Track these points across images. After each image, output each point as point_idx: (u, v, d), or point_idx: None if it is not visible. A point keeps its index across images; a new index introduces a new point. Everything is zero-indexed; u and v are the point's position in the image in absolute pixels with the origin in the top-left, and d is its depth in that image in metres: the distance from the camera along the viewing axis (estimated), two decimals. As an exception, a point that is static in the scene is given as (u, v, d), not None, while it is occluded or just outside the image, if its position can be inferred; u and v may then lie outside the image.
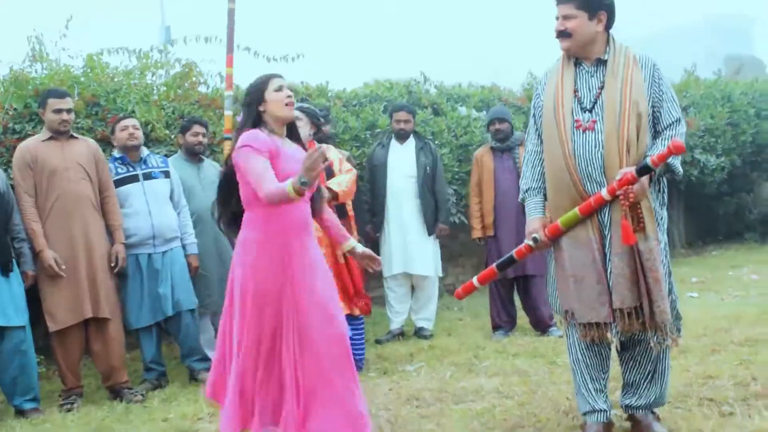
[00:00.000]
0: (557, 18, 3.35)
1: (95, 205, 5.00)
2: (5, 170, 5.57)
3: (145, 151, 5.42)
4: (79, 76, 6.49)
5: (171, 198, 5.41)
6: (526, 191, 3.54)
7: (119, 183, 5.24)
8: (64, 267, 4.78)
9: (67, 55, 6.80)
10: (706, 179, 10.04)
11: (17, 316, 4.64)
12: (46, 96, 5.01)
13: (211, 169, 5.81)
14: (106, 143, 6.04)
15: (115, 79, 6.72)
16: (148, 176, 5.31)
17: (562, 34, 3.34)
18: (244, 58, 7.15)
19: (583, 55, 3.37)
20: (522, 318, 6.35)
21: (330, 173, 5.16)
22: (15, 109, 5.99)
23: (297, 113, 5.09)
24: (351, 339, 4.99)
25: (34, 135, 5.42)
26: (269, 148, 3.32)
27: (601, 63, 3.35)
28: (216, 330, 5.79)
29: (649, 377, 3.40)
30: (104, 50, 6.89)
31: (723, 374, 4.18)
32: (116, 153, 5.41)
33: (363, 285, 5.30)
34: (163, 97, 6.71)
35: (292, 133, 3.63)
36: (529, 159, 3.54)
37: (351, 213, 5.42)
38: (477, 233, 6.38)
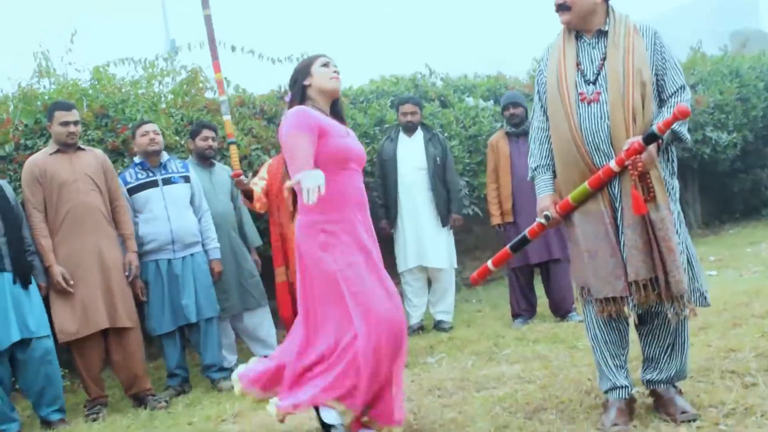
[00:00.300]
0: None
1: (106, 215, 5.01)
2: (19, 185, 5.65)
3: (165, 156, 5.43)
4: (86, 89, 6.55)
5: (192, 203, 5.42)
6: (535, 169, 3.53)
7: (139, 188, 5.28)
8: (72, 282, 4.81)
9: (73, 68, 6.89)
10: (719, 157, 9.99)
11: (40, 326, 4.67)
12: (52, 109, 5.03)
13: (223, 173, 5.83)
14: (117, 153, 6.11)
15: (123, 90, 6.78)
16: (167, 181, 5.33)
17: (562, 7, 3.32)
18: (249, 60, 7.20)
19: (583, 28, 3.36)
20: (542, 306, 6.35)
21: None
22: (25, 125, 6.05)
23: None
24: None
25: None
26: (318, 124, 3.32)
27: (601, 34, 3.34)
28: (236, 333, 5.87)
29: (669, 351, 3.38)
30: (110, 62, 6.97)
31: (744, 347, 4.15)
32: (136, 159, 5.43)
33: None
34: (170, 104, 6.76)
35: (337, 114, 3.60)
36: (535, 136, 3.53)
37: None
38: (496, 219, 6.36)
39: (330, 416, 3.48)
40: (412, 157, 6.28)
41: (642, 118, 3.21)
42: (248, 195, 5.12)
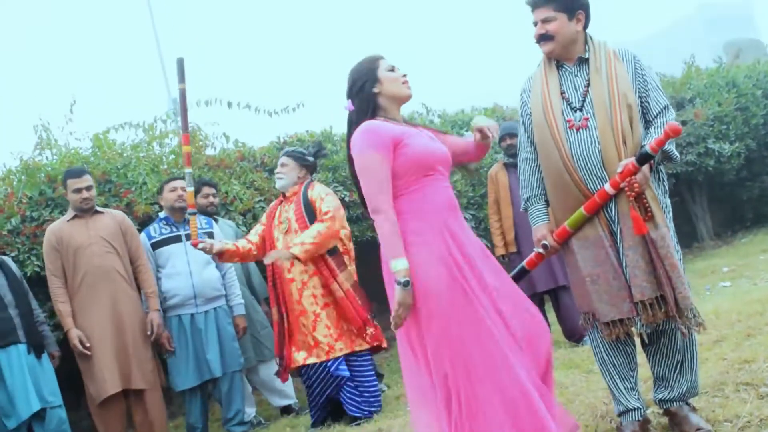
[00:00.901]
0: (535, 23, 3.37)
1: (125, 276, 5.06)
2: (28, 257, 5.73)
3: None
4: (88, 157, 6.65)
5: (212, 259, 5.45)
6: (528, 200, 3.54)
7: (162, 243, 5.34)
8: (89, 345, 4.86)
9: (74, 138, 6.99)
10: (723, 168, 9.97)
11: (54, 396, 4.73)
12: (64, 178, 5.14)
13: (227, 228, 5.90)
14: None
15: (124, 154, 6.87)
16: (190, 237, 5.35)
17: (544, 38, 3.35)
18: (246, 115, 7.30)
19: (564, 57, 3.39)
20: (555, 332, 6.32)
21: (311, 214, 4.94)
22: (30, 198, 6.13)
23: (283, 159, 5.16)
24: (361, 377, 5.00)
25: (52, 220, 5.58)
26: (392, 138, 2.98)
27: (582, 62, 3.37)
28: (252, 386, 5.88)
29: (678, 368, 3.36)
30: (110, 128, 7.06)
31: (759, 357, 4.12)
32: (162, 214, 5.49)
33: (369, 314, 5.00)
34: (171, 164, 6.83)
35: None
36: (524, 167, 3.53)
37: (345, 248, 5.19)
38: (500, 251, 6.37)
39: None
40: None
41: (631, 140, 3.23)
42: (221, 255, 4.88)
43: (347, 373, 4.89)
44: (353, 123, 3.11)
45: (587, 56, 3.37)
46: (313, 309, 4.87)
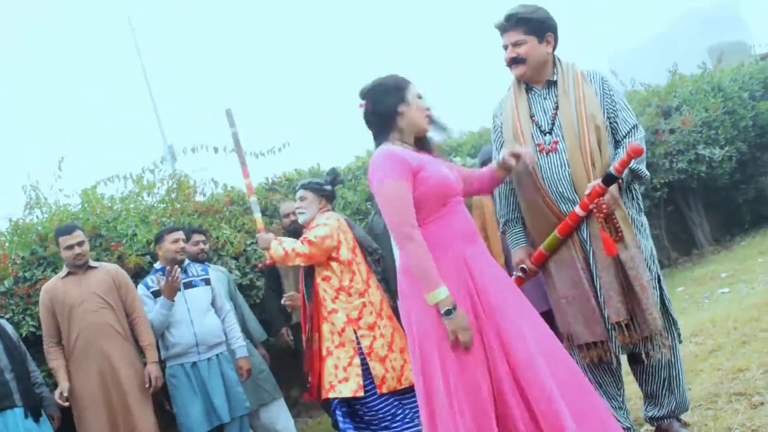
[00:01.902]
0: (505, 47, 3.40)
1: (120, 330, 5.03)
2: (23, 318, 5.74)
3: (185, 261, 5.49)
4: (77, 213, 6.67)
5: (213, 304, 5.46)
6: (505, 223, 3.58)
7: (161, 293, 5.31)
8: (66, 395, 4.81)
9: (63, 194, 7.02)
10: (716, 173, 9.96)
11: (53, 459, 4.71)
12: (56, 236, 5.13)
13: (218, 275, 5.90)
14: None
15: (114, 207, 6.89)
16: (188, 285, 5.37)
17: (516, 61, 3.38)
18: (233, 159, 7.33)
19: (534, 80, 3.43)
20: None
21: None
22: (22, 258, 6.15)
23: (301, 193, 5.08)
24: (407, 418, 4.84)
25: (45, 279, 5.57)
26: (410, 166, 2.96)
27: (551, 84, 3.42)
28: (263, 425, 5.88)
29: (666, 385, 3.37)
30: (98, 182, 7.10)
31: (752, 365, 4.13)
32: (157, 265, 5.48)
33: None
34: (161, 214, 6.85)
35: (423, 144, 3.23)
36: (500, 191, 3.56)
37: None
38: None
39: None
40: None
41: (600, 161, 3.27)
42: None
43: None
44: (374, 134, 3.15)
45: (555, 79, 3.40)
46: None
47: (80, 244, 5.05)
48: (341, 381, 4.52)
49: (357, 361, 4.51)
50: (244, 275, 6.74)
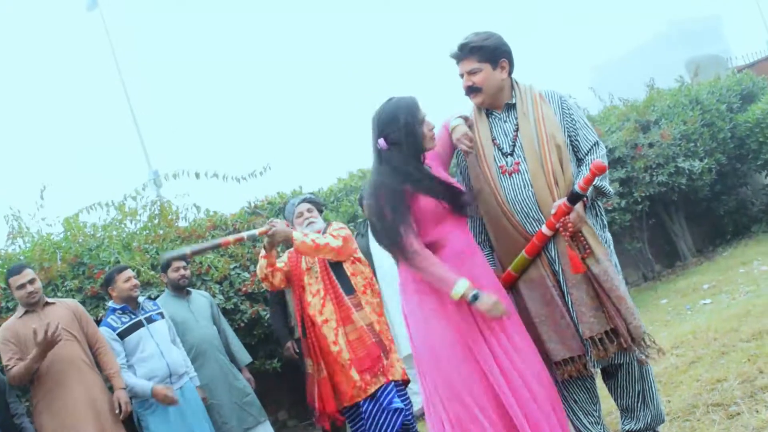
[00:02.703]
0: (461, 75, 3.43)
1: (87, 361, 5.03)
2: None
3: (141, 298, 5.53)
4: (59, 242, 6.67)
5: (170, 337, 5.49)
6: None
7: (128, 331, 5.30)
8: None
9: (45, 224, 7.03)
10: (696, 185, 10.05)
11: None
12: (6, 278, 5.11)
13: (201, 299, 5.95)
14: (97, 299, 6.20)
15: (96, 235, 6.91)
16: (149, 320, 5.40)
17: (472, 90, 3.41)
18: (213, 184, 7.38)
19: (493, 105, 3.47)
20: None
21: None
22: (4, 289, 6.14)
23: (308, 206, 5.09)
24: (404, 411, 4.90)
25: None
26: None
27: (510, 107, 3.45)
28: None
29: (640, 398, 3.40)
30: (81, 210, 7.11)
31: (730, 375, 4.17)
32: (113, 304, 5.45)
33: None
34: (144, 240, 6.87)
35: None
36: None
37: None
38: None
39: None
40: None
41: (563, 180, 3.30)
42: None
43: (401, 405, 4.79)
44: (403, 157, 3.22)
45: (514, 102, 3.44)
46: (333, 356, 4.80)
47: (31, 282, 4.99)
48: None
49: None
50: (228, 299, 6.75)
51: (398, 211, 3.14)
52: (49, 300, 5.18)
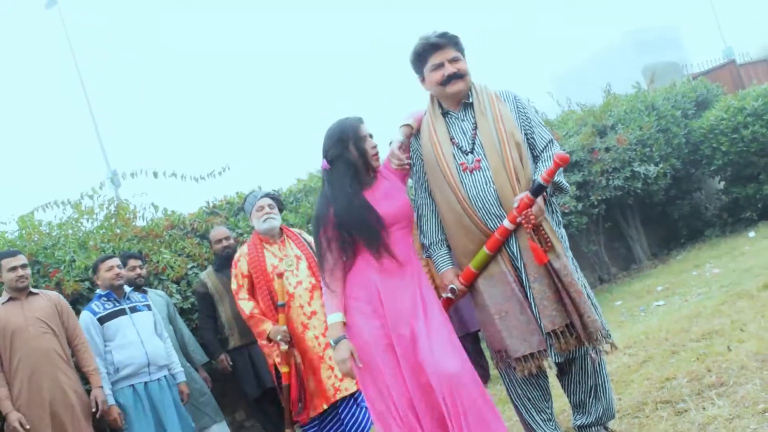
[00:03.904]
0: (439, 65, 3.42)
1: (63, 356, 5.04)
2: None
3: (127, 289, 5.57)
4: (14, 240, 6.59)
5: (155, 329, 5.52)
6: (430, 246, 3.57)
7: (108, 317, 5.35)
8: (28, 427, 4.79)
9: (-1, 221, 6.93)
10: (651, 189, 10.21)
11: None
12: None
13: (157, 299, 5.98)
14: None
15: (52, 233, 6.83)
16: (134, 309, 5.46)
17: (457, 76, 3.41)
18: (172, 183, 7.32)
19: (451, 103, 3.50)
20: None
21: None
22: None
23: (269, 201, 5.15)
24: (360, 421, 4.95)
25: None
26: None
27: (467, 106, 3.48)
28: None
29: (593, 393, 3.46)
30: (36, 209, 7.02)
31: (680, 373, 4.24)
32: (100, 291, 5.50)
33: None
34: (100, 239, 6.81)
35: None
36: (421, 214, 3.58)
37: None
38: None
39: None
40: None
41: (524, 176, 3.34)
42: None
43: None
44: (339, 175, 3.39)
45: (471, 101, 3.47)
46: (316, 351, 4.83)
47: (23, 266, 5.09)
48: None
49: None
50: (186, 299, 6.72)
51: (318, 242, 3.38)
52: (33, 290, 5.19)
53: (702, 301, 6.45)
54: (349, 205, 3.30)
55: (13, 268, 5.02)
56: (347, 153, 3.37)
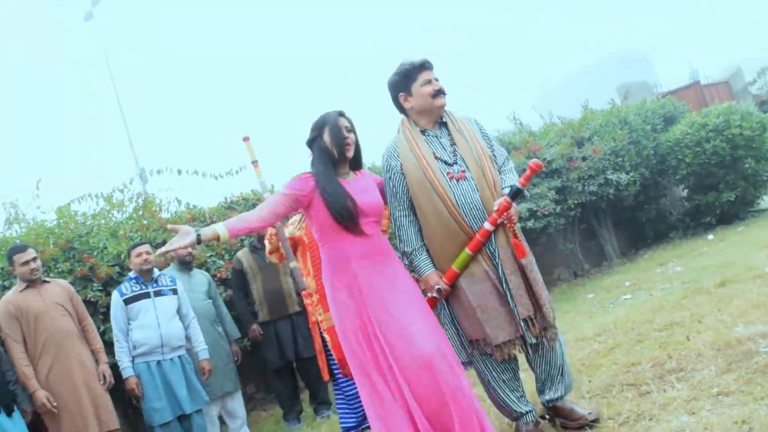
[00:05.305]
0: (428, 81, 3.45)
1: (79, 335, 5.10)
2: (1, 323, 5.66)
3: (156, 272, 5.56)
4: (53, 228, 6.60)
5: (179, 312, 5.53)
6: (411, 253, 3.46)
7: (133, 299, 5.36)
8: (55, 404, 4.81)
9: (40, 211, 6.98)
10: (622, 195, 10.21)
11: (27, 450, 4.67)
12: (10, 255, 5.10)
13: (201, 277, 6.08)
14: (86, 280, 6.14)
15: (86, 223, 6.85)
16: (158, 293, 5.44)
17: (443, 92, 3.48)
18: (194, 180, 7.34)
19: (431, 119, 3.52)
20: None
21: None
22: (2, 269, 6.07)
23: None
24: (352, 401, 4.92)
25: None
26: (303, 192, 3.19)
27: (442, 125, 3.52)
28: (224, 410, 5.92)
29: (560, 370, 3.51)
30: (73, 200, 7.06)
31: (644, 359, 4.24)
32: (131, 274, 5.53)
33: None
34: (129, 229, 6.83)
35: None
36: (400, 224, 3.47)
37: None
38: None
39: None
40: None
41: (499, 185, 3.41)
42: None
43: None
44: (315, 160, 3.32)
45: (445, 120, 3.53)
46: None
47: (34, 260, 5.06)
48: None
49: None
50: (204, 283, 6.73)
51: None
52: (45, 279, 5.19)
53: (665, 296, 6.45)
54: (327, 182, 3.21)
55: (26, 263, 5.01)
56: (320, 139, 3.29)
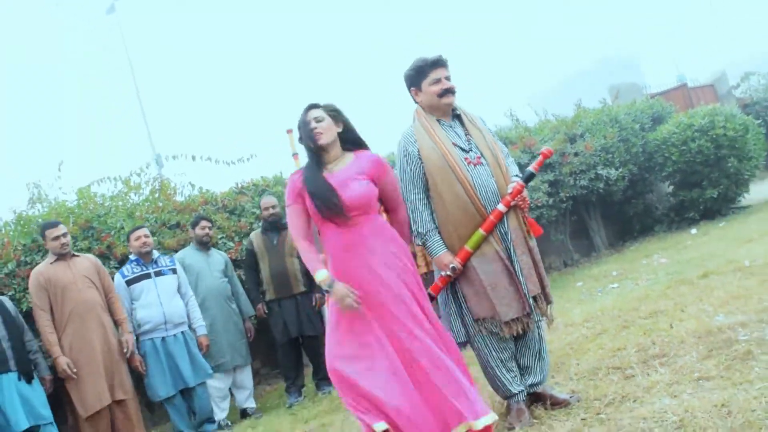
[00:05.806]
0: (439, 79, 3.43)
1: (104, 306, 5.14)
2: (23, 296, 5.68)
3: (155, 254, 5.58)
4: (73, 208, 6.60)
5: (179, 290, 5.55)
6: (426, 234, 3.42)
7: (135, 280, 5.41)
8: (75, 370, 4.83)
9: (62, 192, 6.97)
10: (612, 189, 10.20)
11: (44, 415, 4.68)
12: (42, 229, 5.15)
13: (218, 256, 6.09)
14: (103, 258, 6.14)
15: (105, 204, 6.84)
16: (158, 273, 5.48)
17: (452, 92, 3.46)
18: (207, 166, 7.33)
19: (446, 112, 3.53)
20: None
21: None
22: (24, 245, 6.08)
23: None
24: None
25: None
26: (295, 193, 3.18)
27: (456, 117, 3.54)
28: (233, 383, 5.93)
29: (539, 356, 3.54)
30: (92, 182, 7.05)
31: (629, 345, 4.24)
32: (132, 256, 5.55)
33: None
34: (145, 210, 6.82)
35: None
36: (415, 207, 3.43)
37: None
38: (422, 269, 6.39)
39: None
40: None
41: (508, 173, 3.44)
42: None
43: None
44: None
45: (459, 112, 3.55)
46: None
47: (65, 235, 5.12)
48: None
49: None
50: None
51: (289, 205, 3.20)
52: (74, 253, 5.24)
53: (650, 286, 6.44)
54: (310, 177, 3.15)
55: (56, 238, 5.06)
56: (300, 135, 3.24)
